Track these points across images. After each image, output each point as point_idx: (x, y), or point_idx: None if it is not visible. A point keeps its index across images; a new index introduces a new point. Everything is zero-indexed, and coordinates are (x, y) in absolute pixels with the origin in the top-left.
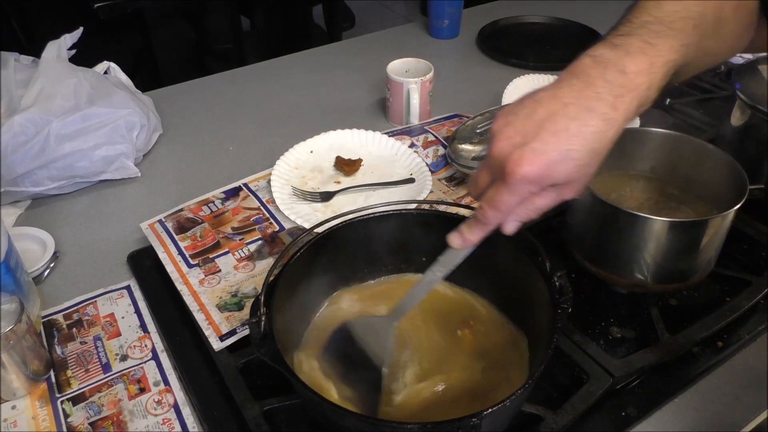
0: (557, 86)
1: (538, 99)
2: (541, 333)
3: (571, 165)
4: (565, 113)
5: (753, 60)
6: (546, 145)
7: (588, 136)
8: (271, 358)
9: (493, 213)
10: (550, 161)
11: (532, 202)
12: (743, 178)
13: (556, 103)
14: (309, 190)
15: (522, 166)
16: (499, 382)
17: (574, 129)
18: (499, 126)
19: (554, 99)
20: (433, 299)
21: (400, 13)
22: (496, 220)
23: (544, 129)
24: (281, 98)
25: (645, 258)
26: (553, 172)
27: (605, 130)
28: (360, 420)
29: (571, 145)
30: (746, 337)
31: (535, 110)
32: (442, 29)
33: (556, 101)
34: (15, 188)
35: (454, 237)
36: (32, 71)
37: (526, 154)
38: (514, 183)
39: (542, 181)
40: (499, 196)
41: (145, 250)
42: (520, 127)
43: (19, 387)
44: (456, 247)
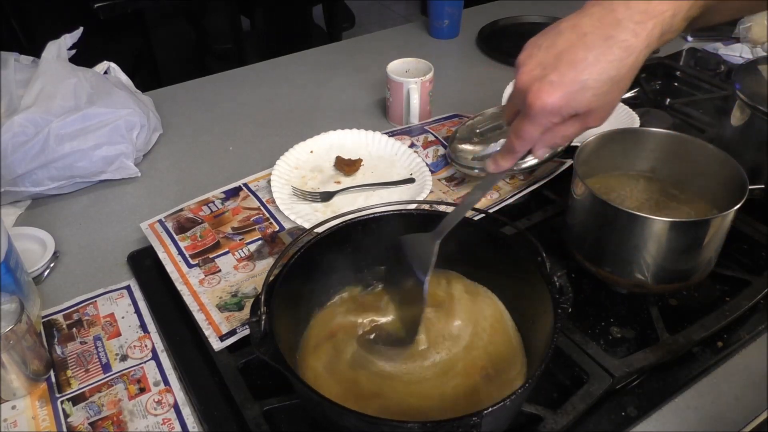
0: (579, 15)
1: (560, 30)
2: (541, 333)
3: (589, 94)
4: (584, 43)
5: (753, 60)
6: (563, 77)
7: (605, 64)
8: (271, 357)
9: (519, 142)
10: (567, 92)
11: (558, 130)
12: (743, 178)
13: (576, 33)
14: (309, 190)
15: (540, 98)
16: (499, 381)
17: (591, 59)
18: (522, 58)
19: (574, 29)
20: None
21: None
22: (523, 148)
23: (561, 60)
24: (281, 98)
25: (645, 258)
26: (571, 102)
27: (624, 57)
28: (360, 419)
29: (589, 74)
30: (746, 337)
31: (555, 42)
32: (442, 29)
33: (575, 31)
34: (15, 188)
35: (489, 163)
36: (32, 71)
37: (544, 86)
38: (534, 114)
39: (562, 111)
40: (523, 126)
41: (145, 250)
42: (541, 59)
43: (19, 387)
44: (491, 170)
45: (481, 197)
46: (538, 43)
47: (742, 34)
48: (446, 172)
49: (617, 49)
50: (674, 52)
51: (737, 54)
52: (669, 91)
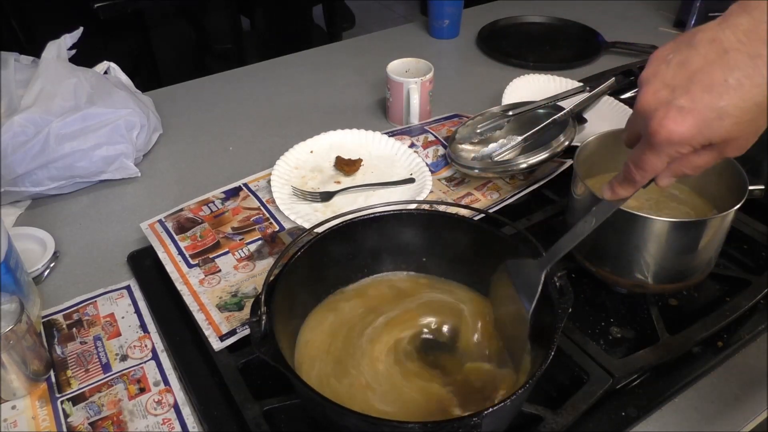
0: (721, 26)
1: (695, 43)
2: (541, 333)
3: (728, 123)
4: (725, 62)
5: None
6: (695, 102)
7: (751, 89)
8: (272, 357)
9: (641, 173)
10: (700, 121)
11: (687, 161)
12: (743, 178)
13: (715, 48)
14: (309, 190)
15: (665, 126)
16: (499, 381)
17: (733, 81)
18: (647, 75)
19: (713, 44)
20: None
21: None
22: (645, 179)
23: (695, 82)
24: (281, 98)
25: (645, 258)
26: (705, 132)
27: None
28: (360, 419)
29: (729, 100)
30: (746, 337)
31: (689, 58)
32: (442, 29)
33: (714, 46)
34: (15, 188)
35: (606, 189)
36: (32, 71)
37: (671, 112)
38: (658, 145)
39: (692, 141)
40: (645, 156)
41: (145, 250)
42: (669, 78)
43: (19, 387)
44: (607, 198)
45: (596, 225)
46: (666, 57)
47: None
48: (446, 172)
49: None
50: None
51: None
52: None
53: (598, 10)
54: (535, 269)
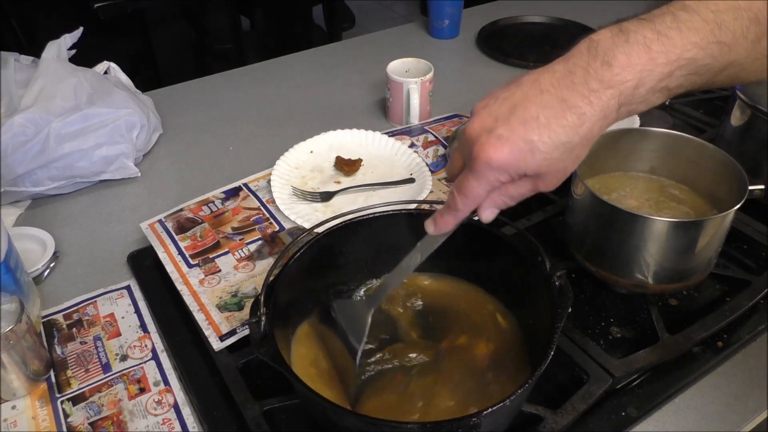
0: (544, 70)
1: (521, 82)
2: (541, 333)
3: (539, 157)
4: (539, 100)
5: None
6: (512, 133)
7: (557, 129)
8: (271, 358)
9: (462, 200)
10: (515, 150)
11: (506, 190)
12: (743, 178)
13: (534, 88)
14: (309, 190)
15: (485, 151)
16: (499, 381)
17: (543, 119)
18: (478, 108)
19: (534, 84)
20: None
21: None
22: (467, 207)
23: (514, 115)
24: (281, 98)
25: (645, 258)
26: (519, 162)
27: (577, 125)
28: (360, 420)
29: (539, 135)
30: (746, 337)
31: (514, 94)
32: (442, 29)
33: (534, 87)
34: (15, 188)
35: (429, 224)
36: (32, 71)
37: (491, 139)
38: (479, 169)
39: (508, 169)
40: (467, 183)
41: (145, 250)
42: (495, 110)
43: (19, 387)
44: (431, 233)
45: (421, 260)
46: (496, 93)
47: None
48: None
49: (570, 115)
50: None
51: None
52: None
53: (598, 10)
54: (363, 309)
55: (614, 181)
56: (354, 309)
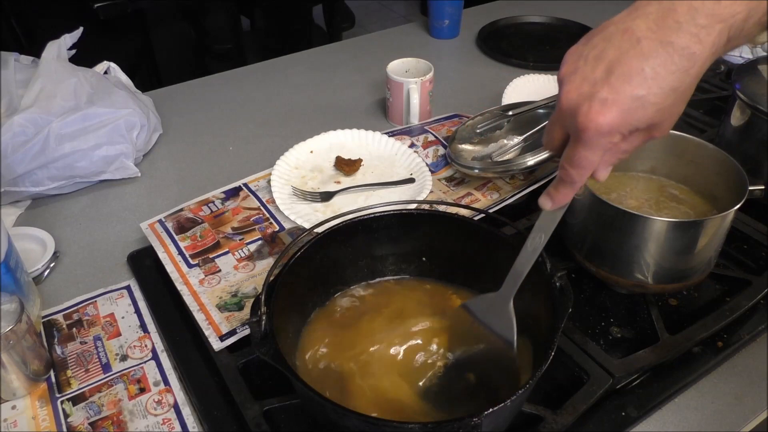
0: (631, 15)
1: (608, 35)
2: (541, 333)
3: (651, 110)
4: (638, 51)
5: (753, 60)
6: (617, 94)
7: (666, 76)
8: (272, 357)
9: (578, 171)
10: (624, 109)
11: (619, 147)
12: (743, 178)
13: (628, 39)
14: (309, 190)
15: (593, 120)
16: (499, 381)
17: (649, 71)
18: (566, 73)
19: (626, 34)
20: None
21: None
22: (583, 177)
23: (613, 73)
24: (281, 98)
25: (645, 258)
26: (630, 119)
27: (687, 66)
28: (360, 420)
29: (648, 89)
30: (746, 337)
31: (605, 50)
32: (442, 29)
33: (627, 37)
34: (15, 188)
35: (545, 200)
36: (32, 71)
37: (595, 105)
38: (589, 139)
39: (620, 130)
40: (579, 154)
41: (145, 250)
42: (588, 73)
43: (19, 387)
44: (547, 209)
45: (546, 239)
46: (582, 53)
47: None
48: (446, 172)
49: (678, 58)
50: None
51: (737, 54)
52: None
53: (598, 10)
54: (502, 302)
55: (614, 181)
56: (492, 304)
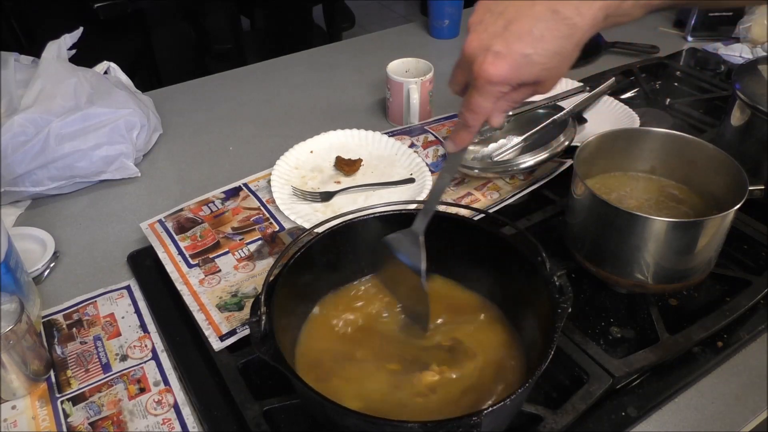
0: None
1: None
2: (541, 333)
3: (536, 68)
4: (532, 13)
5: (753, 60)
6: (509, 48)
7: (551, 40)
8: (272, 357)
9: (472, 116)
10: (513, 64)
11: (509, 97)
12: (743, 178)
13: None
14: (309, 190)
15: (486, 69)
16: (499, 381)
17: (537, 33)
18: (473, 22)
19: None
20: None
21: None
22: (478, 122)
23: (509, 30)
24: (281, 98)
25: (645, 258)
26: (518, 73)
27: (569, 34)
28: (360, 419)
29: (534, 49)
30: (746, 337)
31: (507, 8)
32: (442, 29)
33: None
34: (15, 188)
35: (448, 143)
36: (32, 71)
37: (489, 57)
38: (482, 86)
39: (509, 81)
40: (474, 100)
41: (145, 250)
42: (490, 25)
43: (19, 387)
44: (451, 151)
45: (450, 181)
46: (489, 6)
47: (742, 34)
48: None
49: (563, 26)
50: (674, 52)
51: (737, 54)
52: (669, 91)
53: None
54: (413, 237)
55: (614, 181)
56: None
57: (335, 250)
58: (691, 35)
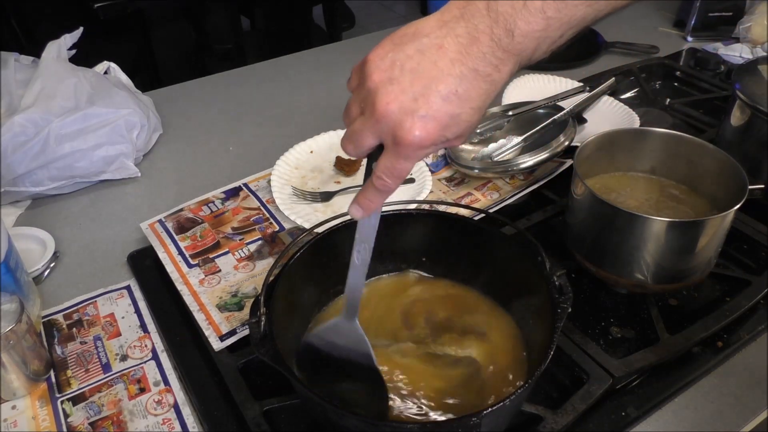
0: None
1: (423, 48)
2: (541, 333)
3: (462, 126)
4: (453, 72)
5: (753, 60)
6: (436, 111)
7: (475, 98)
8: (271, 358)
9: (395, 181)
10: (441, 125)
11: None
12: (743, 178)
13: (442, 57)
14: (309, 190)
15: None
16: (499, 381)
17: (462, 92)
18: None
19: (440, 51)
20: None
21: (400, 13)
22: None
23: (432, 91)
24: (281, 98)
25: (645, 258)
26: (446, 133)
27: (490, 90)
28: (360, 420)
29: (461, 109)
30: (746, 337)
31: (421, 64)
32: None
33: (441, 55)
34: (15, 188)
35: (355, 209)
36: (32, 71)
37: (417, 122)
38: (410, 152)
39: (436, 143)
40: (399, 165)
41: (145, 250)
42: (407, 86)
43: (19, 387)
44: (359, 217)
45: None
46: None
47: (742, 34)
48: (446, 172)
49: (484, 83)
50: (674, 53)
51: (737, 54)
52: (669, 91)
53: None
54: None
55: (614, 181)
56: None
57: (335, 250)
58: (691, 35)
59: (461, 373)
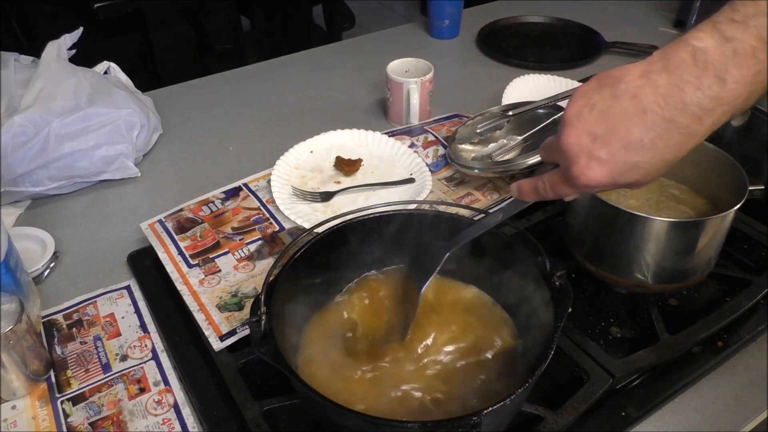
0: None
1: (618, 94)
2: (541, 333)
3: (638, 174)
4: (642, 121)
5: None
6: (613, 156)
7: (662, 149)
8: (272, 357)
9: (553, 195)
10: (615, 172)
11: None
12: (743, 178)
13: (635, 105)
14: (309, 190)
15: (586, 175)
16: (498, 381)
17: (647, 142)
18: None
19: (634, 100)
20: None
21: (400, 13)
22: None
23: (614, 135)
24: (281, 98)
25: (645, 258)
26: (618, 179)
27: (684, 143)
28: (360, 419)
29: (642, 157)
30: (746, 337)
31: (611, 109)
32: (442, 29)
33: (634, 104)
34: (15, 188)
35: (514, 189)
36: (32, 71)
37: (592, 163)
38: (577, 186)
39: (606, 187)
40: (562, 187)
41: (145, 250)
42: (591, 125)
43: (19, 387)
44: (515, 197)
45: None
46: (590, 100)
47: None
48: (446, 172)
49: (678, 135)
50: None
51: None
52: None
53: (598, 10)
54: (438, 251)
55: None
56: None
57: (335, 250)
58: None
59: (461, 372)
